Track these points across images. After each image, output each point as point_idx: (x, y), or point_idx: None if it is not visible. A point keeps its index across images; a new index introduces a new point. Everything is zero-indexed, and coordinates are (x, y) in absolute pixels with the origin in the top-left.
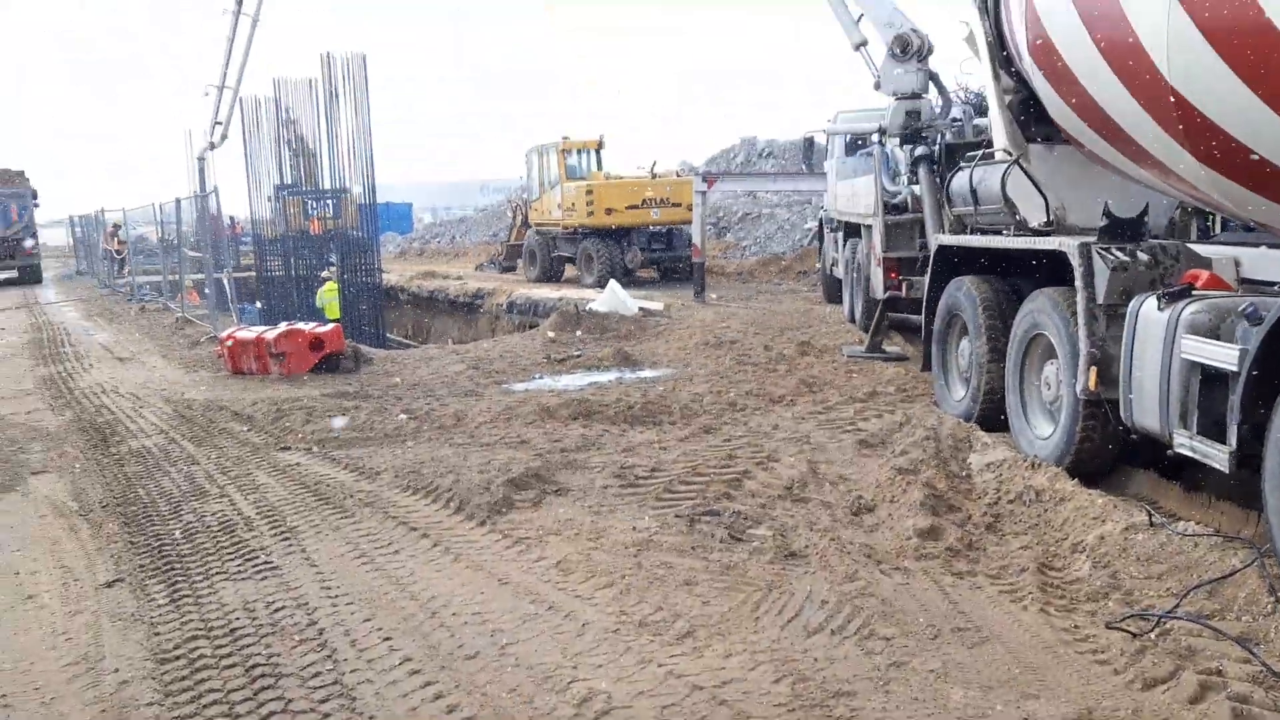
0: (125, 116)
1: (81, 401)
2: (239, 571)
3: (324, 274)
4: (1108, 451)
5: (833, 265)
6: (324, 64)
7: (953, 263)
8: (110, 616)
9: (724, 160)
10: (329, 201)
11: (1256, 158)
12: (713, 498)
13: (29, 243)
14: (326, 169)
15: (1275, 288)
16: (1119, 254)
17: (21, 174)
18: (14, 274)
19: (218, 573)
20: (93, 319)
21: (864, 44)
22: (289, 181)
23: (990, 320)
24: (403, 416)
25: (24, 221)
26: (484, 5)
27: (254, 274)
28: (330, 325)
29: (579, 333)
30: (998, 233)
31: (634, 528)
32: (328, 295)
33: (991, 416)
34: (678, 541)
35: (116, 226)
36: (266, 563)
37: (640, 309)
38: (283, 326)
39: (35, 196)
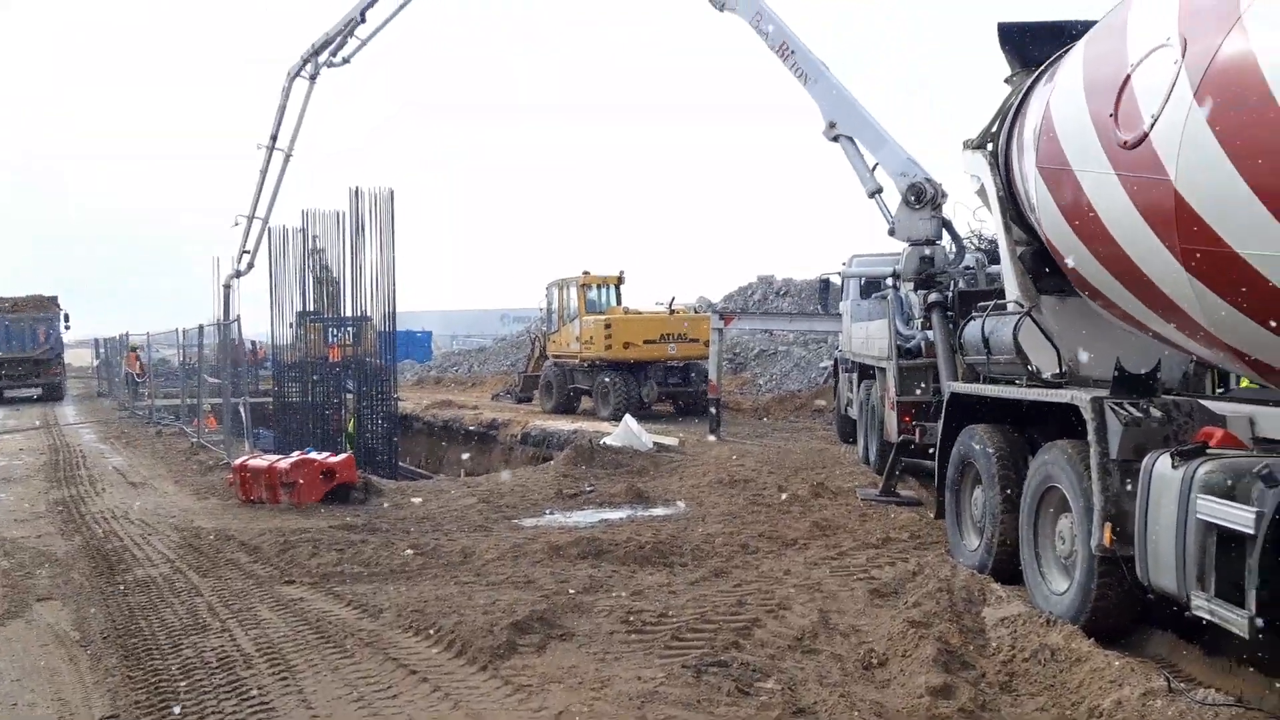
0: (155, 243)
1: (91, 527)
2: (234, 712)
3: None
4: (1125, 610)
5: (847, 405)
6: (352, 198)
7: (966, 410)
8: None
9: (741, 298)
10: (349, 329)
11: None
12: (721, 647)
13: (54, 365)
14: (349, 297)
15: None
16: (1132, 409)
17: (54, 299)
18: (39, 391)
19: (213, 713)
20: (109, 441)
21: (879, 191)
22: (311, 308)
23: (1004, 470)
24: (409, 552)
25: (50, 343)
26: (513, 134)
27: (271, 400)
28: (343, 455)
29: (592, 467)
30: (1010, 382)
31: (639, 677)
32: (349, 431)
33: (1006, 568)
34: (684, 694)
35: (136, 349)
36: (262, 703)
37: (655, 444)
38: (295, 455)
39: (67, 320)
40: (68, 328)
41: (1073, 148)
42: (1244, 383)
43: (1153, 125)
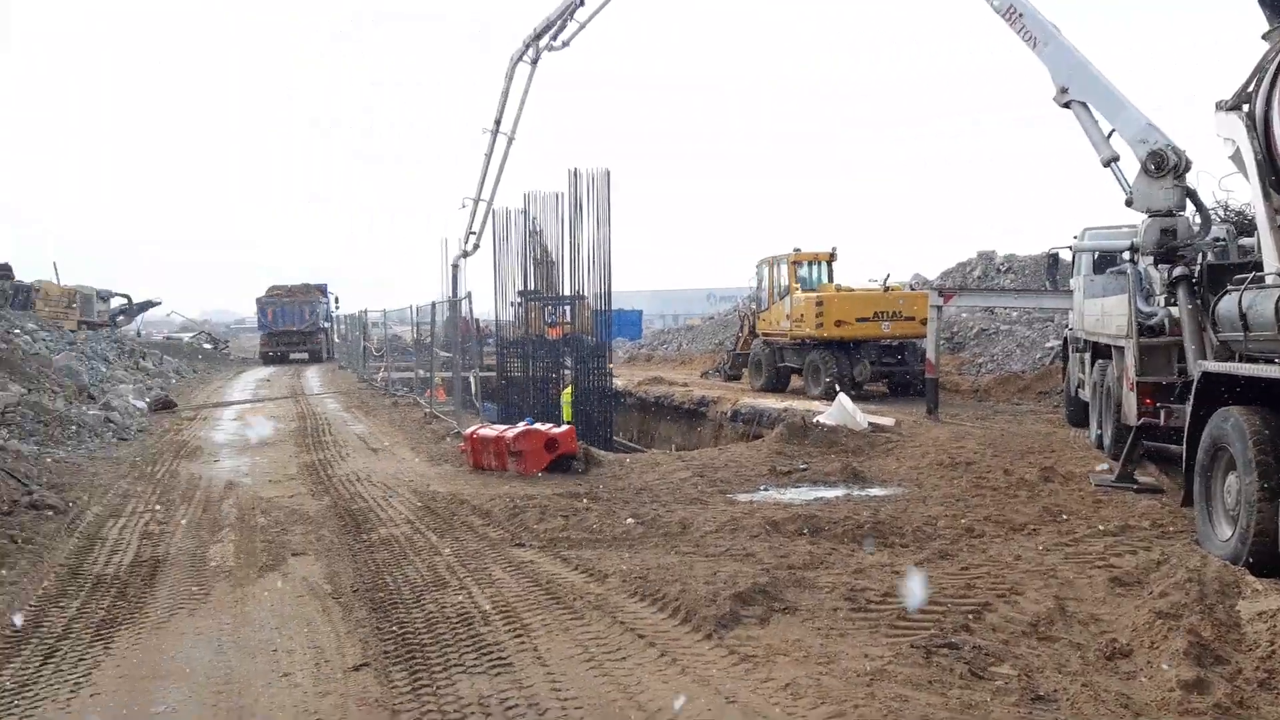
0: (399, 226)
1: (338, 488)
2: (475, 665)
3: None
4: None
5: (1078, 387)
6: (571, 179)
7: (1218, 391)
8: (356, 700)
9: (960, 274)
10: (565, 307)
11: None
12: (950, 629)
13: (317, 335)
14: (566, 276)
15: None
16: None
17: (321, 287)
18: (306, 355)
19: (455, 665)
20: (351, 411)
21: (1115, 160)
22: (531, 288)
23: (1262, 456)
24: (630, 521)
25: (314, 320)
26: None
27: (494, 374)
28: (564, 427)
29: (805, 445)
30: (1271, 360)
31: (866, 655)
32: (566, 398)
33: (1263, 560)
34: (913, 674)
35: (372, 325)
36: (500, 658)
37: (870, 424)
38: (521, 426)
39: (337, 301)
40: (337, 308)
41: None
42: None
43: None
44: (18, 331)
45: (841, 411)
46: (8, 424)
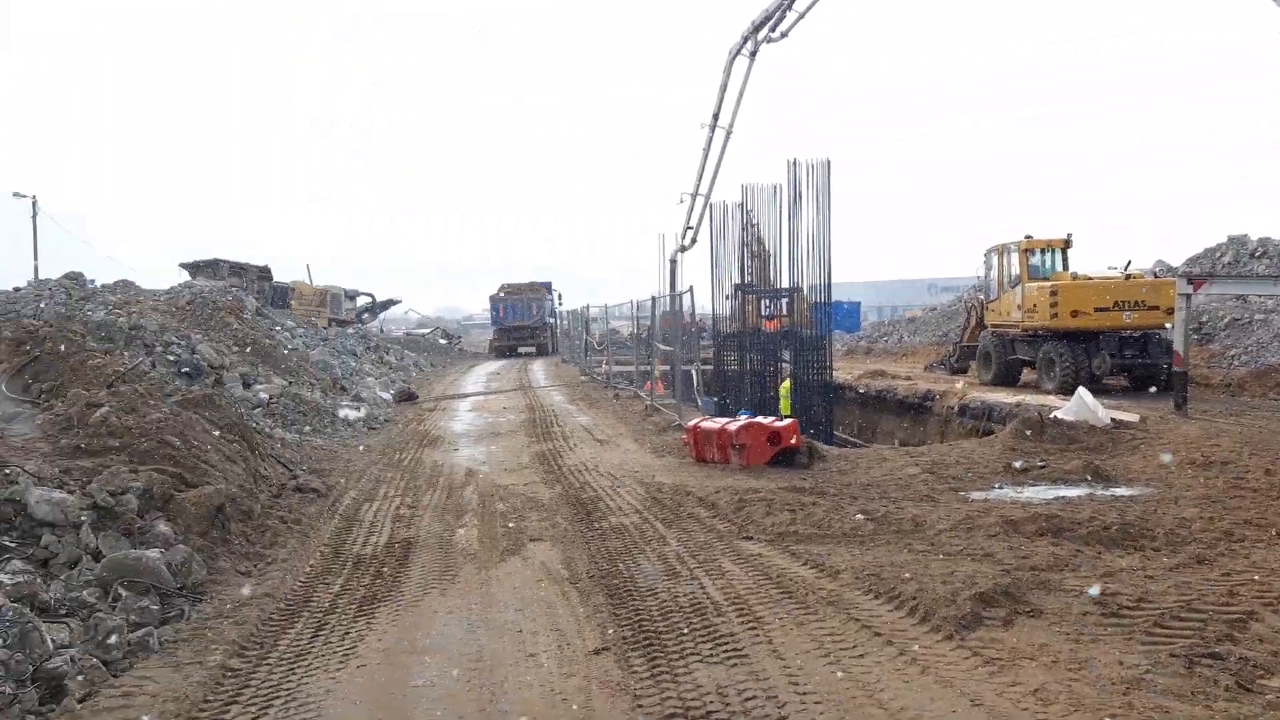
0: (616, 224)
1: (568, 478)
2: (710, 655)
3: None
4: None
5: None
6: (790, 169)
7: None
8: (599, 683)
9: (1208, 260)
10: (782, 300)
11: None
12: (1213, 639)
13: (543, 330)
14: (785, 268)
15: None
16: None
17: (547, 285)
18: (533, 349)
19: (691, 653)
20: (575, 403)
21: None
22: (747, 281)
23: None
24: (859, 517)
25: (541, 316)
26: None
27: (710, 367)
28: (787, 420)
29: (1042, 442)
30: None
31: (1120, 662)
32: (784, 391)
33: None
34: (1174, 684)
35: (592, 321)
36: (735, 649)
37: (1112, 420)
38: (743, 419)
39: (560, 298)
40: (561, 305)
41: None
42: None
43: None
44: (278, 329)
45: (1081, 406)
46: (272, 414)
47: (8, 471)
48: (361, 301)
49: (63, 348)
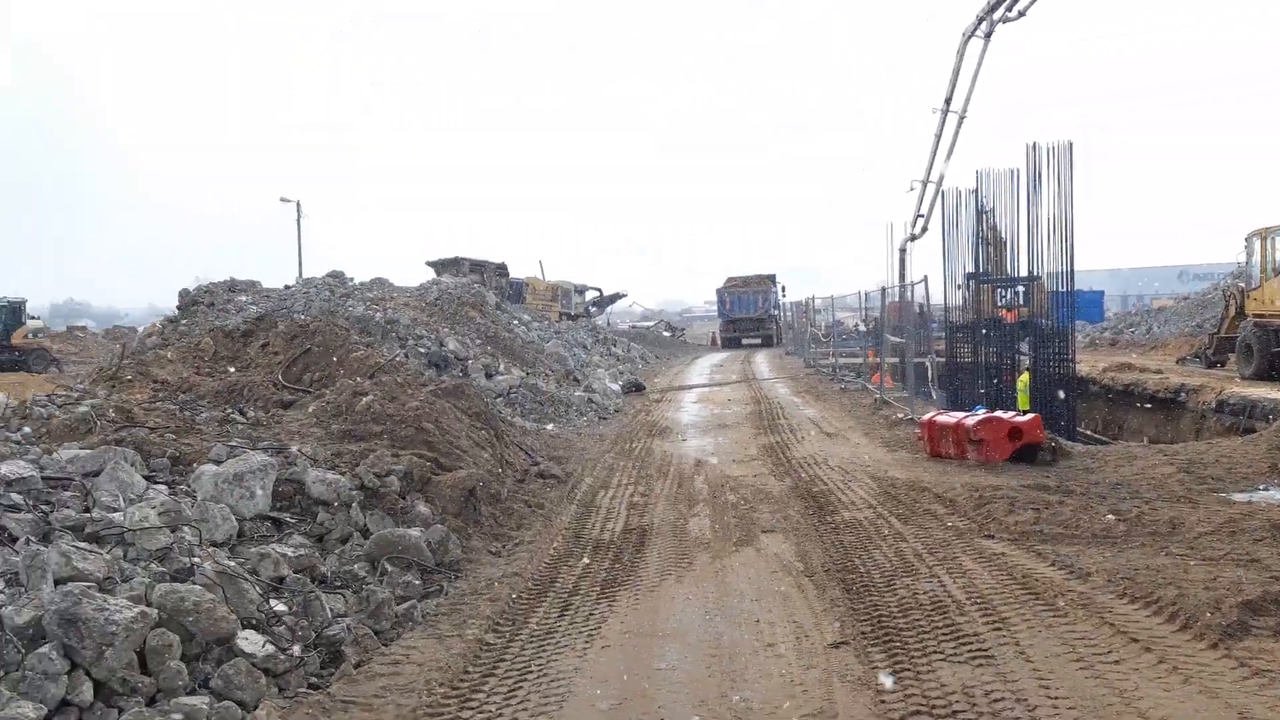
0: (839, 214)
1: (797, 470)
2: (954, 654)
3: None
4: None
5: None
6: (1029, 153)
7: None
8: (839, 677)
9: None
10: (1019, 290)
11: None
12: None
13: (768, 321)
14: (1023, 257)
15: None
16: None
17: (771, 277)
18: (758, 340)
19: (934, 651)
20: (800, 395)
21: None
22: (980, 270)
23: None
24: (1110, 517)
25: (766, 308)
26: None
27: (942, 359)
28: (1028, 415)
29: None
30: None
31: None
32: (1022, 385)
33: None
34: None
35: (816, 313)
36: (980, 650)
37: None
38: (981, 413)
39: (784, 290)
40: (784, 295)
41: None
42: None
43: None
44: (516, 323)
45: None
46: (511, 403)
47: (288, 454)
48: (590, 295)
49: (329, 341)
